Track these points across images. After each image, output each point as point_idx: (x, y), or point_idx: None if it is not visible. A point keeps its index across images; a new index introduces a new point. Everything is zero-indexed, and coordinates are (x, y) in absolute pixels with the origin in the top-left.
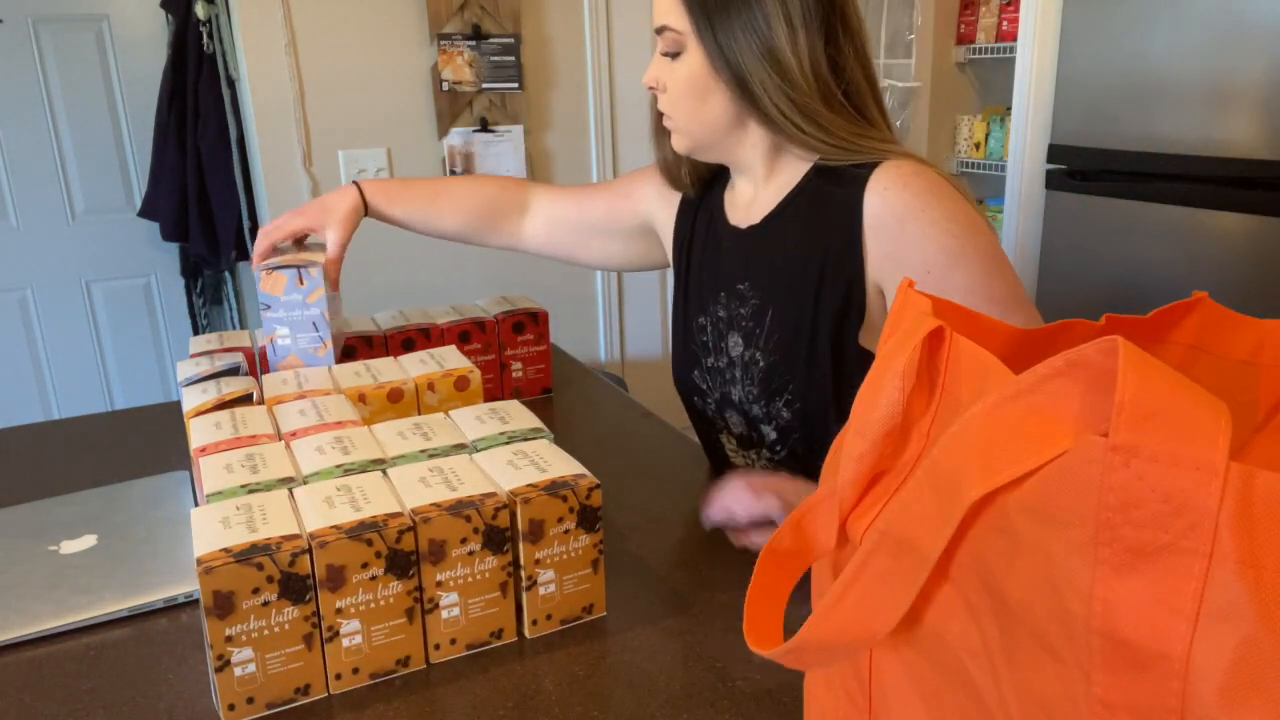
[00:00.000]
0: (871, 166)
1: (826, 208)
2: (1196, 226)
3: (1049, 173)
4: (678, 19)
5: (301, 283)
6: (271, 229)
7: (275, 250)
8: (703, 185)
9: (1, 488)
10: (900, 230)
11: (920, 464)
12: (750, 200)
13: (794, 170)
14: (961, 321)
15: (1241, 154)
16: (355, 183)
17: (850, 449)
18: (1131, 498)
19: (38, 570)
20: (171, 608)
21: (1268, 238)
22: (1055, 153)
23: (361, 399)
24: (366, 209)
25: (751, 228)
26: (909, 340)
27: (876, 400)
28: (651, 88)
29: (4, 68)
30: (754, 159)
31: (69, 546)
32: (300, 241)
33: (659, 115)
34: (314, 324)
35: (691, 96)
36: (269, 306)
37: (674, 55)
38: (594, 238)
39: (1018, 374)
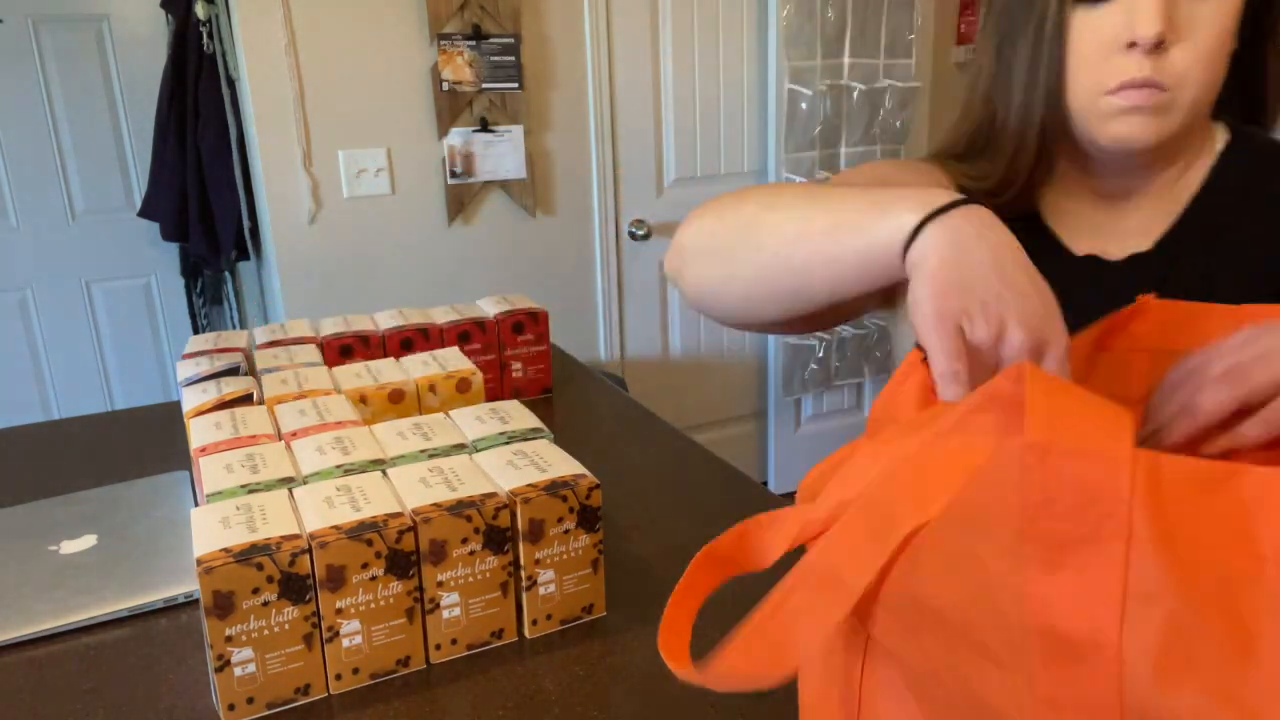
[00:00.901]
0: None
1: (1262, 200)
2: None
3: None
4: None
5: None
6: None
7: None
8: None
9: (1, 488)
10: None
11: (852, 505)
12: (1121, 216)
13: (1191, 159)
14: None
15: None
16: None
17: (832, 493)
18: (1049, 493)
19: (38, 570)
20: (171, 608)
21: None
22: None
23: (362, 400)
24: None
25: (1136, 256)
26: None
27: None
28: (1163, 39)
29: (4, 68)
30: (1175, 141)
31: (69, 546)
32: None
33: (1143, 86)
34: None
35: (1223, 53)
36: None
37: None
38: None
39: None
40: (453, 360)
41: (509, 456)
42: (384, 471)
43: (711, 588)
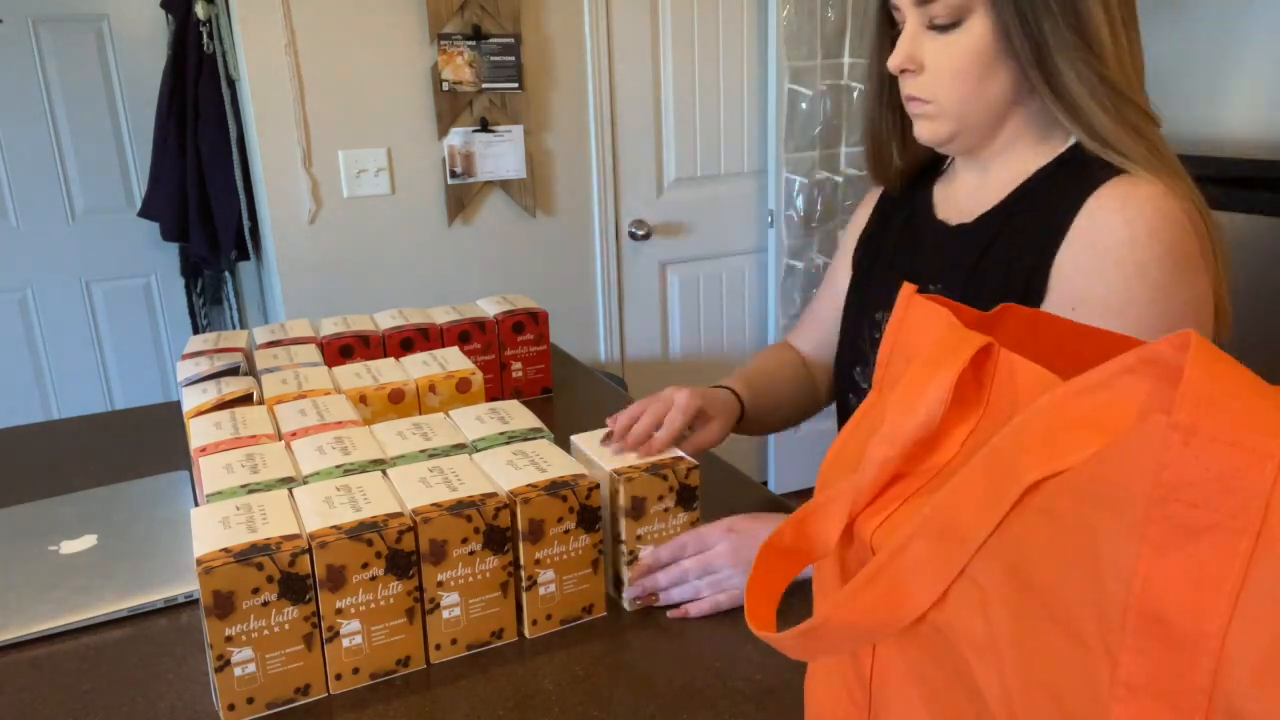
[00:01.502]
0: (1113, 172)
1: (1049, 212)
2: None
3: None
4: None
5: None
6: (675, 417)
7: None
8: (910, 183)
9: (1, 488)
10: (1095, 260)
11: (973, 458)
12: (972, 193)
13: (1033, 160)
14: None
15: (1241, 154)
16: (730, 390)
17: (875, 453)
18: (1186, 476)
19: (38, 570)
20: (171, 608)
21: (1268, 238)
22: None
23: (362, 400)
24: (743, 411)
25: (962, 226)
26: (956, 356)
27: (915, 408)
28: (904, 70)
29: (4, 68)
30: (1004, 146)
31: (69, 546)
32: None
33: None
34: None
35: (971, 74)
36: None
37: (946, 27)
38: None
39: None
40: (453, 360)
41: (509, 456)
42: (384, 471)
43: (786, 579)
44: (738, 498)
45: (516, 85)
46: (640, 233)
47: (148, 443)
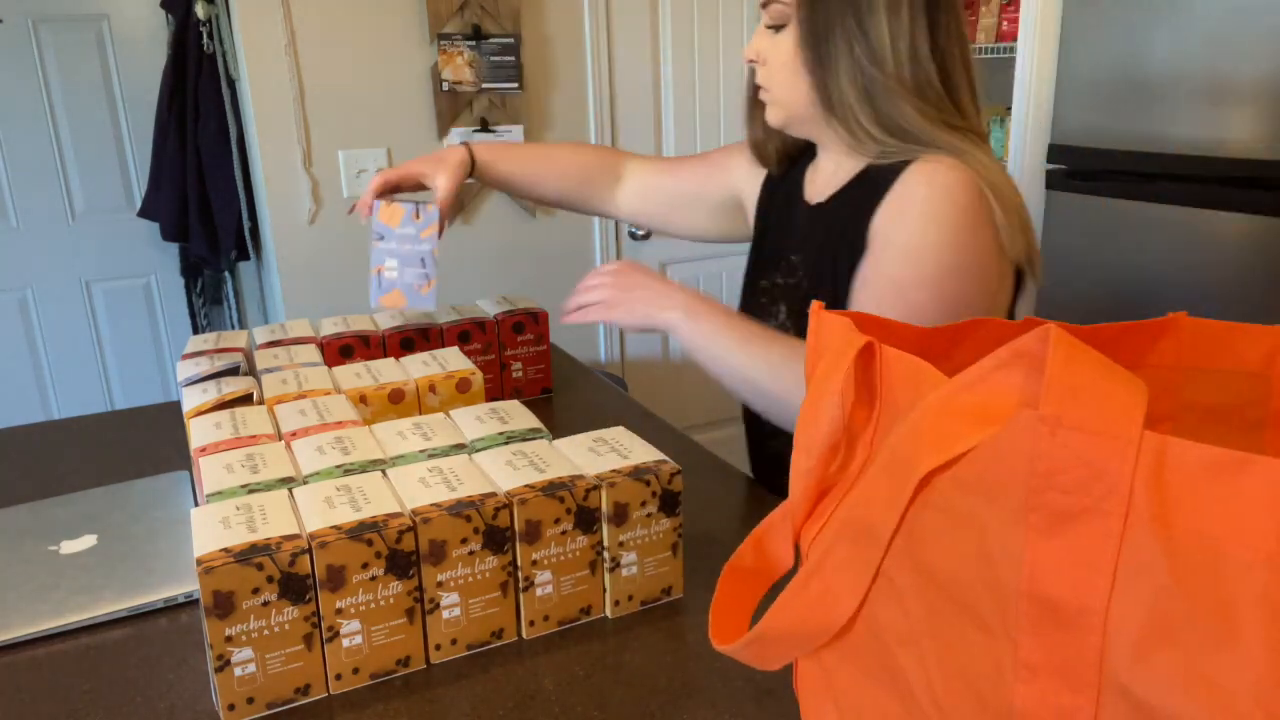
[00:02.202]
0: (927, 154)
1: (874, 188)
2: (1197, 226)
3: (1049, 173)
4: None
5: (418, 217)
6: (389, 171)
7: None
8: (789, 162)
9: (1, 488)
10: (900, 212)
11: (874, 460)
12: (828, 178)
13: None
14: (878, 329)
15: (1241, 154)
16: (464, 143)
17: (796, 466)
18: (1057, 464)
19: (38, 570)
20: (171, 608)
21: (1268, 238)
22: (1055, 153)
23: (362, 400)
24: (474, 166)
25: (818, 205)
26: (842, 359)
27: (819, 419)
28: (752, 60)
29: (4, 68)
30: (837, 138)
31: (69, 546)
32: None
33: (755, 89)
34: (423, 260)
35: (789, 71)
36: (382, 237)
37: (778, 28)
38: (684, 208)
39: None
40: (453, 360)
41: (508, 457)
42: (384, 471)
43: (753, 599)
44: (737, 498)
45: (516, 85)
46: (640, 233)
47: (148, 443)
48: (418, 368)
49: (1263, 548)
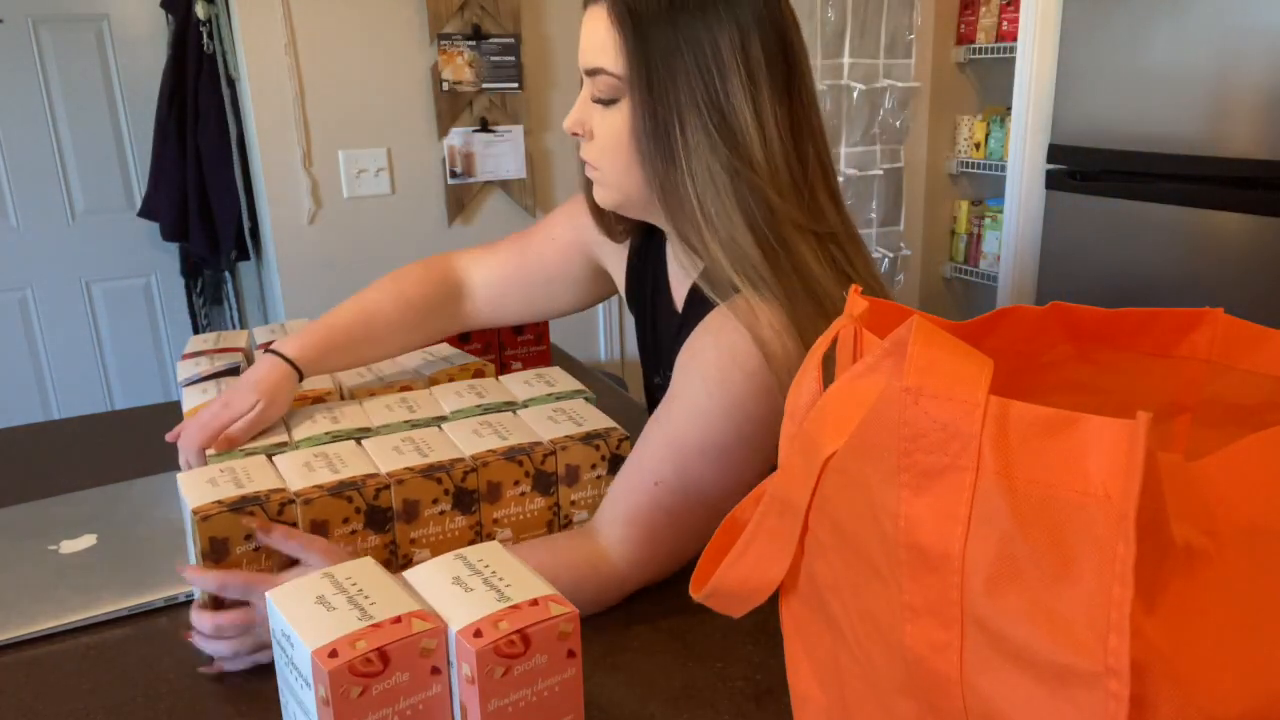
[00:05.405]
0: (733, 293)
1: (688, 322)
2: (1196, 226)
3: (1049, 173)
4: (615, 62)
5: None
6: (203, 429)
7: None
8: (642, 230)
9: (1, 488)
10: (692, 366)
11: (793, 438)
12: (679, 274)
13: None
14: (902, 319)
15: (1241, 154)
16: (272, 350)
17: (784, 431)
18: (920, 429)
19: (38, 570)
20: (171, 607)
21: (1268, 238)
22: (1055, 153)
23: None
24: (300, 376)
25: (675, 315)
26: (825, 339)
27: (801, 390)
28: (575, 133)
29: (4, 68)
30: (675, 237)
31: (69, 546)
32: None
33: (583, 162)
34: None
35: (622, 152)
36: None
37: (607, 102)
38: (546, 289)
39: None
40: (453, 355)
41: (474, 426)
42: (359, 440)
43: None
44: None
45: (516, 85)
46: None
47: (148, 443)
48: (423, 366)
49: (1091, 492)
